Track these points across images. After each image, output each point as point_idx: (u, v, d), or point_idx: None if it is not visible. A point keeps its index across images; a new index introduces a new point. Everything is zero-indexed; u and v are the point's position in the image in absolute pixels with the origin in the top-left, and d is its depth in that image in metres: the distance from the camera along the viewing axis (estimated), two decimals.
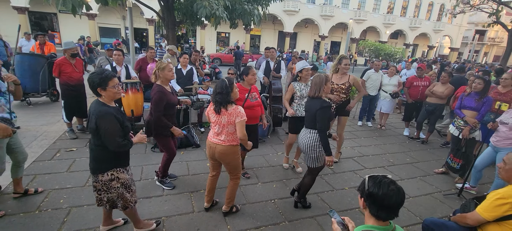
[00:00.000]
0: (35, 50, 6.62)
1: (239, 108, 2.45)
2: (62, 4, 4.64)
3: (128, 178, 2.25)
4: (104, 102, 2.04)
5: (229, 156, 2.59)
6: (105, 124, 1.96)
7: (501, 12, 14.04)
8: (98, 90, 2.02)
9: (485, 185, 3.98)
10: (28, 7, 18.56)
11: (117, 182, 2.16)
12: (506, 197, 1.86)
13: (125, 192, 2.21)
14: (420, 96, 5.69)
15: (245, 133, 2.48)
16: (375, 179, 1.29)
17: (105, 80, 2.01)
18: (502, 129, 3.31)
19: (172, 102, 3.02)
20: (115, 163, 2.14)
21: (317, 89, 2.77)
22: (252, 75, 3.30)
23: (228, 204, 2.85)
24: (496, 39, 36.53)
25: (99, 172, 2.11)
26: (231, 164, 2.67)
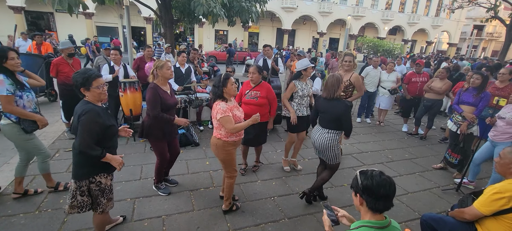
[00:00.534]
0: (32, 50, 6.59)
1: (219, 104, 2.46)
2: (58, 3, 4.62)
3: (109, 184, 2.18)
4: (88, 101, 1.99)
5: (214, 148, 2.64)
6: (85, 120, 1.88)
7: (499, 7, 14.05)
8: (81, 90, 1.97)
9: (483, 179, 4.01)
10: (24, 7, 18.41)
11: (96, 186, 2.08)
12: (503, 191, 1.87)
13: (99, 195, 2.12)
14: (419, 92, 5.71)
15: (232, 126, 2.45)
16: (365, 173, 1.35)
17: (89, 80, 1.94)
18: (499, 123, 3.33)
19: (168, 104, 2.85)
20: (103, 168, 2.06)
21: (335, 90, 2.75)
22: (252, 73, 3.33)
23: (225, 202, 2.86)
24: (494, 34, 36.53)
25: (86, 176, 2.02)
26: (221, 159, 2.69)
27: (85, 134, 1.89)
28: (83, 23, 19.66)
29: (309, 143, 5.07)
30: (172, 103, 2.93)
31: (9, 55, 2.53)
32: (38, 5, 18.62)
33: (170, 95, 2.93)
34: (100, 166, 2.05)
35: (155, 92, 2.76)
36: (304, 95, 3.55)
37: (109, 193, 2.20)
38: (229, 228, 2.69)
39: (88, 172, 2.04)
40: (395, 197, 3.46)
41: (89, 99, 2.01)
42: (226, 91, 2.48)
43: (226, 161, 2.68)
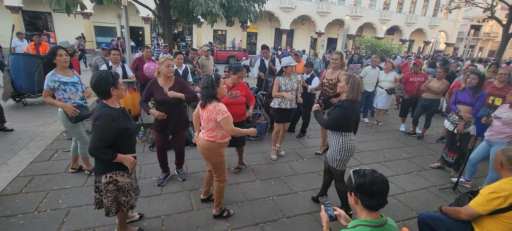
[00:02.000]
0: (30, 51, 6.56)
1: (219, 105, 2.41)
2: (56, 3, 4.59)
3: (128, 182, 2.19)
4: (107, 104, 2.03)
5: (207, 151, 2.55)
6: (100, 124, 1.93)
7: (496, 7, 14.14)
8: (111, 90, 2.01)
9: (480, 179, 4.04)
10: (22, 7, 18.30)
11: (113, 185, 2.11)
12: (499, 191, 1.90)
13: (119, 195, 2.16)
14: (416, 92, 5.74)
15: (233, 127, 2.44)
16: (358, 172, 1.40)
17: (117, 79, 2.06)
18: (496, 123, 3.36)
19: (157, 98, 3.05)
20: (113, 166, 2.08)
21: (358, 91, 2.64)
22: (238, 77, 3.38)
23: (216, 207, 2.79)
24: (491, 34, 36.74)
25: (100, 173, 2.10)
26: (211, 162, 2.61)
27: (98, 139, 1.94)
28: (81, 23, 19.57)
29: (308, 142, 5.10)
30: (163, 98, 3.04)
31: (57, 53, 3.02)
32: (36, 5, 18.53)
33: (164, 92, 3.04)
34: (113, 164, 2.08)
35: (148, 86, 3.09)
36: (287, 90, 3.95)
37: (130, 191, 2.20)
38: (228, 228, 2.71)
39: (103, 168, 2.08)
40: (393, 196, 3.53)
41: (110, 100, 2.05)
42: (219, 92, 2.48)
43: (219, 164, 2.62)
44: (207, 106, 2.44)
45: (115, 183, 2.12)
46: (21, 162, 3.66)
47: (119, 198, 2.17)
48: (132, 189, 2.27)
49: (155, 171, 3.65)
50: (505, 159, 2.01)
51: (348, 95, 2.63)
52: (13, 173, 3.38)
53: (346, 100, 2.64)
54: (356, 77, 2.66)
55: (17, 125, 4.88)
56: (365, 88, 6.24)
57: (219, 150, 2.56)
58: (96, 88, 1.99)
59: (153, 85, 3.08)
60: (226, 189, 3.34)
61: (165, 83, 3.08)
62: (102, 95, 2.03)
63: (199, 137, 2.62)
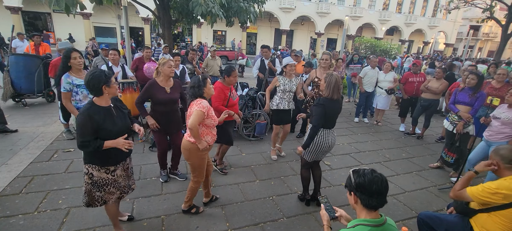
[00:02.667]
0: (30, 51, 6.56)
1: (202, 101, 2.43)
2: (55, 3, 4.60)
3: (107, 178, 2.19)
4: (94, 103, 2.06)
5: (187, 152, 2.55)
6: (78, 121, 1.99)
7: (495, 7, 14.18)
8: (103, 88, 2.04)
9: (479, 179, 4.05)
10: (22, 7, 18.32)
11: (88, 178, 2.14)
12: (500, 188, 1.91)
13: (93, 189, 2.17)
14: (416, 92, 5.75)
15: (195, 123, 2.36)
16: (358, 172, 1.41)
17: (109, 77, 2.08)
18: (494, 123, 3.38)
19: (159, 98, 3.03)
20: (92, 159, 2.12)
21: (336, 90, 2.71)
22: (233, 77, 3.38)
23: (185, 203, 2.81)
24: (490, 34, 36.80)
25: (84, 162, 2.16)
26: (190, 162, 2.61)
27: (78, 134, 2.00)
28: (81, 23, 19.59)
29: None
30: (165, 99, 3.06)
31: (71, 55, 3.13)
32: (36, 5, 18.54)
33: (167, 92, 3.08)
34: (90, 157, 2.11)
35: (147, 87, 3.04)
36: (286, 90, 3.92)
37: (105, 187, 2.19)
38: (228, 228, 2.71)
39: (83, 159, 2.16)
40: (393, 196, 3.53)
41: (103, 98, 2.09)
42: (206, 91, 2.51)
43: (197, 166, 2.60)
44: (191, 104, 2.47)
45: (90, 177, 2.14)
46: (21, 162, 3.66)
47: (92, 193, 2.18)
48: (114, 185, 2.25)
49: (155, 171, 3.66)
50: (499, 159, 2.03)
51: (324, 93, 2.75)
52: (13, 173, 3.38)
53: (323, 98, 2.73)
54: (333, 76, 2.72)
55: (17, 125, 4.88)
56: (364, 88, 6.26)
57: (198, 151, 2.52)
58: (89, 86, 2.03)
59: (154, 87, 3.04)
60: (225, 189, 3.37)
61: (166, 83, 3.10)
62: (94, 93, 2.06)
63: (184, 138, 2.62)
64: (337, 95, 2.72)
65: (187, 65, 5.85)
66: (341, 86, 2.78)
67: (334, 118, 2.84)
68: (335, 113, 2.82)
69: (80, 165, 3.68)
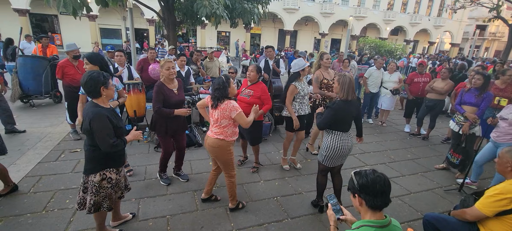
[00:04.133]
0: (37, 53, 6.67)
1: (231, 102, 2.53)
2: (62, 6, 4.68)
3: (116, 179, 2.25)
4: (97, 104, 2.08)
5: (216, 149, 2.63)
6: (97, 125, 1.99)
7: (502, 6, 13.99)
8: (101, 89, 2.06)
9: (486, 180, 4.00)
10: (29, 9, 18.60)
11: (107, 182, 2.17)
12: (505, 192, 1.89)
13: (113, 192, 2.23)
14: (421, 93, 5.71)
15: (246, 120, 2.58)
16: (359, 173, 1.41)
17: (107, 79, 2.10)
18: (502, 124, 3.33)
19: (171, 101, 3.02)
20: (107, 163, 2.16)
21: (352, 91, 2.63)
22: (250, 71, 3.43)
23: (232, 201, 2.93)
24: (497, 34, 36.28)
25: (91, 172, 2.13)
26: (220, 159, 2.71)
27: (104, 136, 2.01)
28: (87, 25, 19.82)
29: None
30: (176, 100, 3.09)
31: None
32: (43, 7, 18.79)
33: (175, 93, 3.10)
34: (108, 161, 2.15)
35: (157, 90, 2.98)
36: (305, 95, 3.70)
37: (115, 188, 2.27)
38: (233, 228, 2.72)
39: (94, 167, 2.13)
40: (398, 197, 3.51)
41: (101, 100, 2.11)
42: (230, 91, 2.58)
43: (229, 161, 2.72)
44: (219, 106, 2.53)
45: (109, 181, 2.18)
46: (29, 162, 3.72)
47: (112, 195, 2.22)
48: (119, 186, 2.32)
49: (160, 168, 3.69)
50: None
51: (339, 95, 2.66)
52: (22, 173, 3.44)
53: (338, 101, 2.66)
54: (346, 77, 2.65)
55: (25, 126, 4.96)
56: (369, 89, 6.23)
57: (228, 147, 2.65)
58: (86, 87, 2.04)
59: (163, 89, 3.01)
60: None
61: (172, 84, 3.12)
62: (92, 95, 2.08)
63: (208, 136, 2.70)
64: (352, 96, 2.62)
65: (192, 66, 5.89)
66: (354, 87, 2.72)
67: (349, 120, 2.74)
68: (350, 116, 2.73)
69: None
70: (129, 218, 2.73)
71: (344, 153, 2.75)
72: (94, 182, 2.13)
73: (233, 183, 2.83)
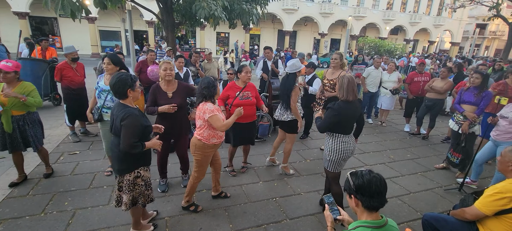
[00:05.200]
0: (37, 55, 6.67)
1: (206, 104, 2.54)
2: (61, 9, 4.68)
3: (148, 176, 2.36)
4: (126, 105, 2.15)
5: (193, 147, 2.70)
6: (130, 123, 2.04)
7: (502, 5, 13.99)
8: (128, 91, 2.12)
9: (486, 179, 3.99)
10: (29, 12, 18.64)
11: (141, 180, 2.27)
12: (504, 191, 1.88)
13: (146, 190, 2.34)
14: (421, 92, 5.70)
15: (222, 123, 2.56)
16: (355, 174, 1.40)
17: (135, 81, 2.17)
18: (502, 123, 3.32)
19: (160, 103, 2.95)
20: (141, 162, 2.25)
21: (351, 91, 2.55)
22: (245, 72, 3.41)
23: (185, 197, 2.91)
24: (497, 32, 36.27)
25: (127, 171, 2.21)
26: (195, 158, 2.74)
27: (130, 135, 2.05)
28: (86, 27, 19.85)
29: (311, 143, 5.09)
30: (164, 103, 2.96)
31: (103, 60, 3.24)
32: (42, 10, 18.83)
33: (168, 97, 2.99)
34: (138, 160, 2.23)
35: (151, 90, 3.04)
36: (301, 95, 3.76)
37: (149, 186, 2.38)
38: (231, 229, 2.72)
39: (129, 166, 2.21)
40: (397, 197, 3.50)
41: (128, 101, 2.16)
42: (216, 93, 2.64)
43: (200, 162, 2.74)
44: (198, 105, 2.59)
45: (142, 178, 2.28)
46: (27, 164, 3.71)
47: (145, 193, 2.32)
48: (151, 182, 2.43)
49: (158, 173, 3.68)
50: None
51: (339, 96, 2.62)
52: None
53: (339, 102, 2.61)
54: (345, 77, 2.59)
55: None
56: (368, 89, 6.23)
57: (204, 149, 2.68)
58: (114, 88, 2.11)
59: (156, 91, 3.02)
60: (228, 190, 3.37)
61: (167, 87, 3.03)
62: (119, 96, 2.15)
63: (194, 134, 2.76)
64: (352, 97, 2.54)
65: (191, 68, 5.89)
66: (356, 87, 2.62)
67: (351, 122, 2.67)
68: (352, 117, 2.66)
69: (86, 167, 3.74)
70: (154, 215, 2.80)
71: (347, 155, 2.67)
72: (129, 180, 2.21)
73: (195, 184, 2.86)
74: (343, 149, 2.64)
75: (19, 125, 3.05)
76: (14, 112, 3.00)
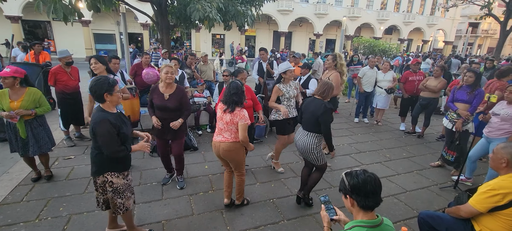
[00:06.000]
0: (30, 60, 6.59)
1: (243, 111, 2.61)
2: (53, 12, 4.64)
3: (123, 184, 2.24)
4: (103, 109, 2.10)
5: (232, 152, 2.72)
6: (100, 130, 2.01)
7: (493, 4, 14.19)
8: (105, 96, 2.07)
9: (481, 176, 4.04)
10: (21, 16, 18.43)
11: (109, 186, 2.18)
12: (497, 188, 1.90)
13: (115, 197, 2.21)
14: (416, 91, 5.75)
15: (246, 135, 2.62)
16: (350, 174, 1.41)
17: (113, 86, 2.11)
18: (494, 119, 3.37)
19: (156, 104, 3.11)
20: (109, 167, 2.16)
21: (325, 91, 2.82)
22: (241, 79, 3.44)
23: (239, 198, 3.04)
24: (489, 31, 36.79)
25: (96, 174, 2.19)
26: (235, 160, 2.79)
27: (108, 141, 2.02)
28: (80, 31, 19.69)
29: None
30: (161, 104, 3.10)
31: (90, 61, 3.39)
32: (35, 14, 18.62)
33: (164, 99, 3.08)
34: (112, 164, 2.15)
35: (150, 89, 3.16)
36: (290, 97, 3.68)
37: (125, 193, 2.27)
38: None
39: (97, 169, 2.17)
40: (394, 195, 3.52)
41: (106, 106, 2.12)
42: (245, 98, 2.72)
43: (242, 161, 2.85)
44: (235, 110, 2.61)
45: (110, 184, 2.18)
46: (22, 170, 3.67)
47: (114, 200, 2.22)
48: (129, 190, 2.33)
49: (156, 176, 3.67)
50: (510, 157, 1.98)
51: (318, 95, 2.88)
52: (14, 182, 3.40)
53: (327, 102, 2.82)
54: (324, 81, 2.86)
55: None
56: (363, 88, 6.27)
57: (242, 148, 2.77)
58: (91, 92, 2.08)
59: (154, 91, 3.16)
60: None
61: (165, 89, 3.11)
62: (97, 99, 2.11)
63: (220, 142, 2.73)
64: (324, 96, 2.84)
65: (186, 70, 5.88)
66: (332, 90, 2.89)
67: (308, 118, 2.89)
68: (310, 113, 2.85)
69: (81, 172, 3.71)
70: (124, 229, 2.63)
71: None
72: (98, 183, 2.20)
73: (243, 181, 2.95)
74: None
75: (32, 128, 3.15)
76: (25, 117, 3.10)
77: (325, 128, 2.74)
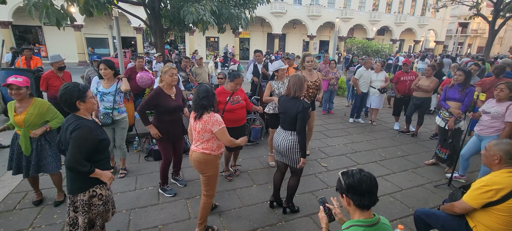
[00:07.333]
0: (21, 65, 6.49)
1: (215, 115, 2.33)
2: (45, 17, 4.59)
3: (109, 194, 2.15)
4: (80, 117, 1.96)
5: (202, 164, 2.42)
6: (77, 136, 1.84)
7: (481, 4, 14.50)
8: (77, 104, 1.92)
9: (474, 173, 4.10)
10: (12, 21, 18.13)
11: (98, 199, 2.03)
12: (490, 184, 1.94)
13: (104, 209, 2.10)
14: (408, 91, 5.83)
15: (229, 138, 2.40)
16: (346, 173, 1.43)
17: (84, 92, 1.95)
18: (484, 117, 3.44)
19: (167, 106, 3.04)
20: (96, 179, 1.99)
21: (297, 89, 2.69)
22: (235, 84, 3.41)
23: (200, 225, 2.58)
24: (479, 30, 37.59)
25: (80, 191, 1.97)
26: (206, 175, 2.46)
27: (76, 151, 1.83)
28: (72, 35, 19.47)
29: None
30: (173, 106, 3.10)
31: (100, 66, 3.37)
32: (26, 19, 18.35)
33: (173, 99, 3.12)
34: (95, 179, 1.99)
35: (153, 94, 3.03)
36: (280, 93, 3.82)
37: (107, 204, 2.14)
38: None
39: (82, 185, 1.97)
40: (389, 194, 3.55)
41: (81, 113, 1.98)
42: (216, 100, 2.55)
43: (213, 177, 2.50)
44: (202, 117, 2.33)
45: (100, 197, 2.04)
46: (14, 178, 3.58)
47: (105, 212, 2.12)
48: (110, 201, 2.21)
49: (151, 180, 3.64)
50: (503, 154, 2.00)
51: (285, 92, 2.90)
52: (6, 190, 3.33)
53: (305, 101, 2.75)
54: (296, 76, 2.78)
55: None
56: (361, 89, 6.31)
57: (215, 162, 2.47)
58: (61, 100, 1.90)
59: (160, 95, 3.02)
60: (223, 195, 3.35)
61: (170, 91, 3.14)
62: (69, 109, 1.94)
63: (192, 151, 2.49)
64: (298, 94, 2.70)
65: (181, 73, 5.86)
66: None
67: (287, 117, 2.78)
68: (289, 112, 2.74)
69: None
70: None
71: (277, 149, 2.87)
72: (83, 201, 1.97)
73: (209, 204, 2.54)
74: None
75: (37, 145, 2.80)
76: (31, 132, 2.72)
77: (301, 125, 2.62)
